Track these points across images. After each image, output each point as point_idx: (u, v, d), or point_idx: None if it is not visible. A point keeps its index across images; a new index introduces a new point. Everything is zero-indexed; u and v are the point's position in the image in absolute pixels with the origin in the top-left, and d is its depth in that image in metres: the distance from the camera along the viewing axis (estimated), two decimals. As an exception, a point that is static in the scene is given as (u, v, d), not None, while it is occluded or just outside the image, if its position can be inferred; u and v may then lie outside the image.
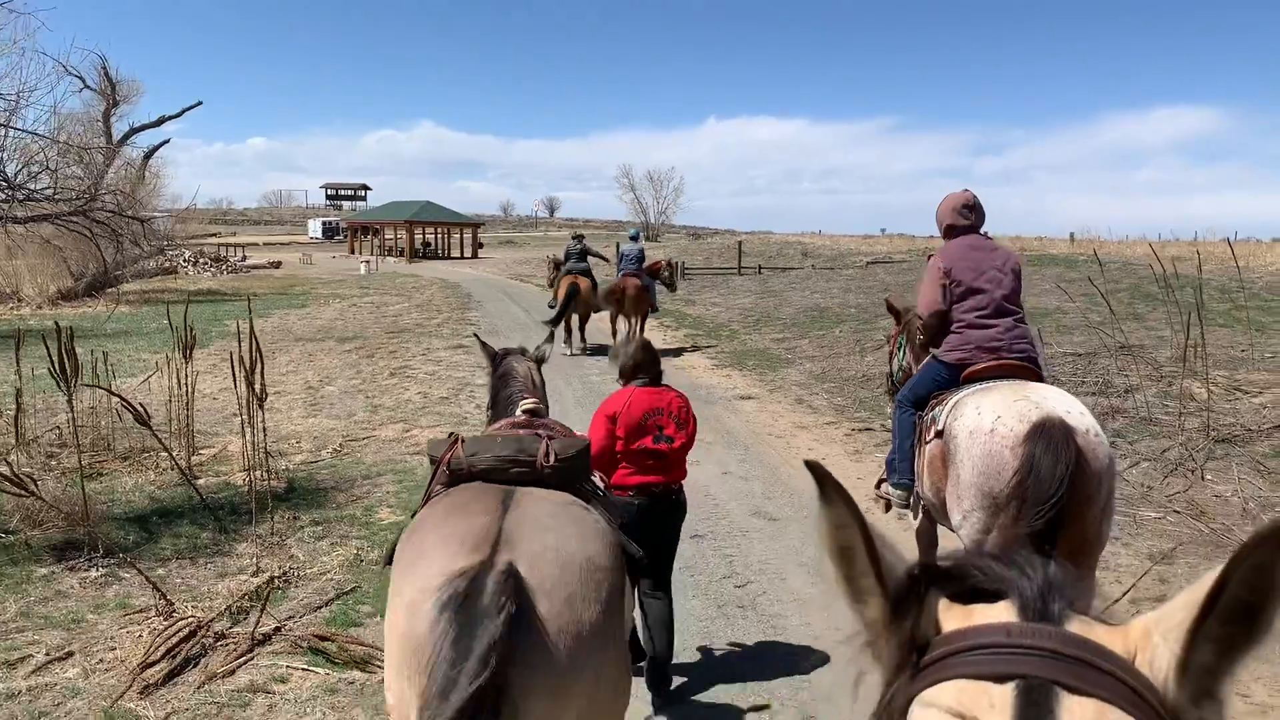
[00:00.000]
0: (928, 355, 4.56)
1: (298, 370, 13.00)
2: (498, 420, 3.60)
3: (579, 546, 2.37)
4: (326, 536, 6.16)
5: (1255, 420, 8.12)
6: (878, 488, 5.02)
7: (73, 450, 6.73)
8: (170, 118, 35.88)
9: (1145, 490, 6.84)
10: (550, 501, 2.57)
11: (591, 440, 3.40)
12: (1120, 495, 6.47)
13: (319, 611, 5.01)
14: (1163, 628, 0.73)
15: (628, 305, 14.09)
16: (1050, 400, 3.73)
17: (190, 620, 4.66)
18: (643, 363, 4.25)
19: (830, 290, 21.52)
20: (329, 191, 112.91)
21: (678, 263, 21.14)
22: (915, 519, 4.71)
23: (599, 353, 14.06)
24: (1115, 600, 4.86)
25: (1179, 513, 6.36)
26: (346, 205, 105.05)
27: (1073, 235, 31.58)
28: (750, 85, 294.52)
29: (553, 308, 14.73)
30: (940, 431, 4.02)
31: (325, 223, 78.58)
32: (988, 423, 3.73)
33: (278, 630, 4.68)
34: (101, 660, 4.42)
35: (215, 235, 58.20)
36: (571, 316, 14.45)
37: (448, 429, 7.22)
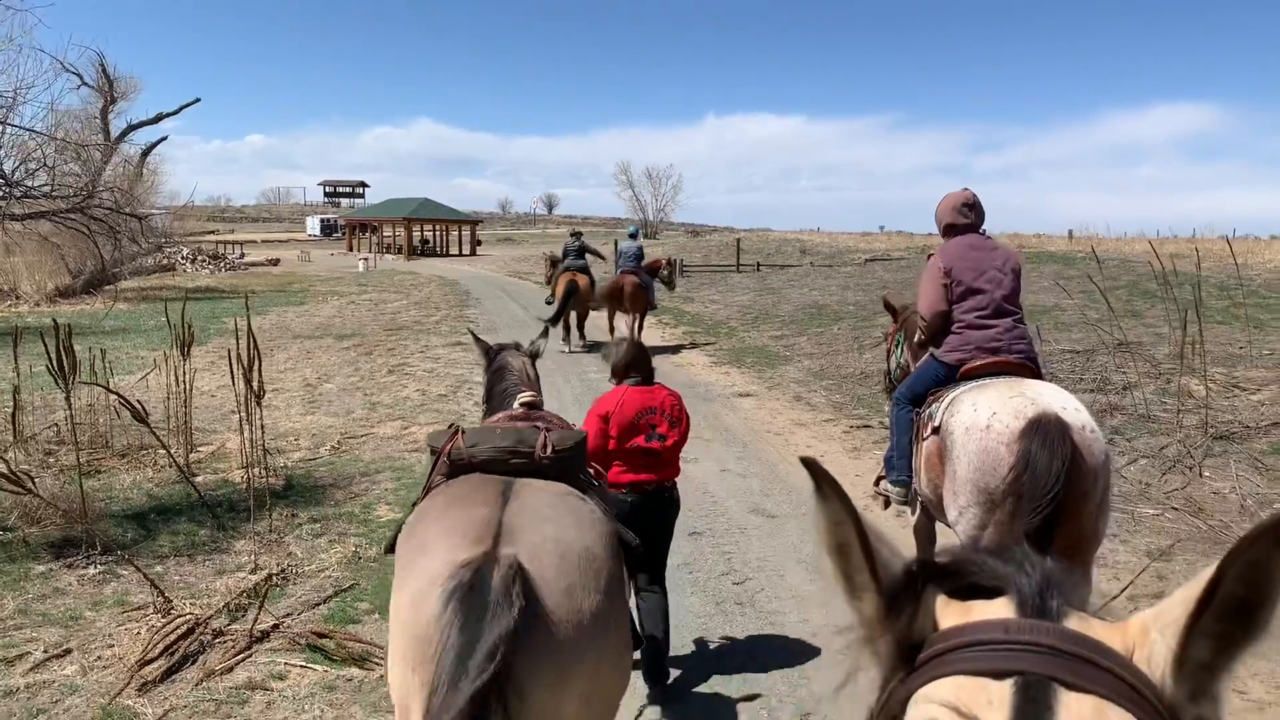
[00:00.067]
0: (925, 353, 4.56)
1: (296, 368, 12.99)
2: (493, 414, 3.61)
3: (577, 536, 2.43)
4: (325, 534, 6.16)
5: (1253, 417, 8.13)
6: (876, 485, 5.03)
7: (71, 447, 6.72)
8: (168, 115, 35.80)
9: (1143, 487, 6.85)
10: (548, 492, 2.62)
11: None
12: (1118, 492, 6.49)
13: (317, 609, 5.02)
14: (1160, 624, 0.72)
15: (626, 303, 14.07)
16: (1046, 396, 3.73)
17: (188, 617, 4.66)
18: (635, 362, 4.27)
19: (828, 287, 21.50)
20: (327, 189, 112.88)
21: (677, 260, 21.10)
22: (913, 515, 4.72)
23: (597, 350, 14.06)
24: (1113, 597, 4.87)
25: (1177, 509, 6.37)
26: (345, 202, 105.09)
27: (1071, 232, 31.53)
28: (749, 82, 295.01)
29: (550, 304, 14.73)
30: (937, 428, 4.02)
31: (323, 220, 78.60)
32: (984, 419, 3.73)
33: (276, 627, 4.69)
34: (99, 657, 4.42)
35: (213, 232, 58.12)
36: (570, 314, 14.44)
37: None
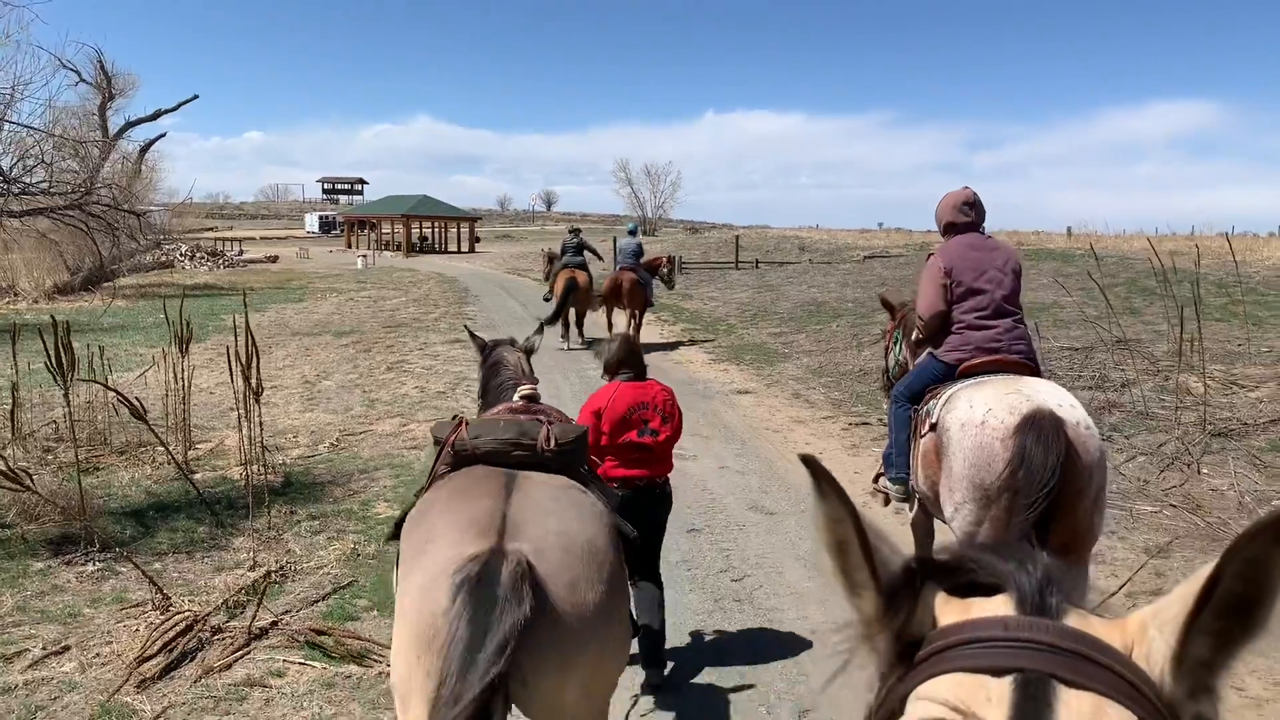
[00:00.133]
0: (924, 350, 4.56)
1: (294, 365, 12.99)
2: (490, 408, 3.61)
3: (580, 530, 2.48)
4: (323, 531, 6.16)
5: (1251, 414, 8.14)
6: (875, 482, 5.03)
7: (69, 445, 6.72)
8: (166, 111, 35.87)
9: (1142, 484, 6.85)
10: (551, 486, 2.67)
11: None
12: (1117, 489, 6.50)
13: (316, 606, 5.02)
14: (1159, 621, 0.72)
15: (624, 300, 14.06)
16: (1042, 393, 3.74)
17: (187, 614, 4.66)
18: (627, 358, 4.29)
19: (827, 285, 21.50)
20: (326, 186, 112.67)
21: (677, 258, 21.08)
22: (911, 512, 4.73)
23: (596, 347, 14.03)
24: (1112, 594, 4.87)
25: (1175, 507, 6.37)
26: (343, 199, 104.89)
27: (1070, 230, 31.50)
28: (748, 79, 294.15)
29: (548, 301, 14.71)
30: (934, 425, 4.03)
31: (322, 217, 78.39)
32: (979, 415, 3.74)
33: (274, 624, 4.69)
34: (98, 654, 4.42)
35: (212, 229, 58.03)
36: (569, 311, 14.43)
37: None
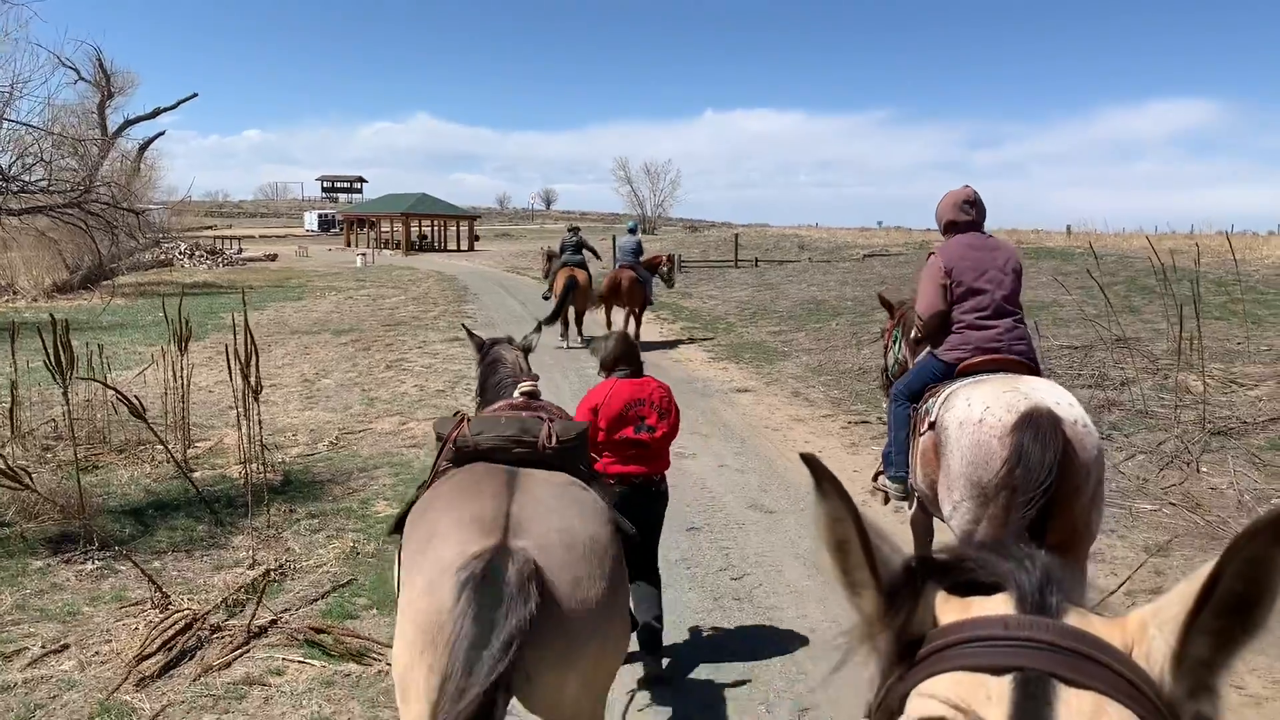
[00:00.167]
0: (923, 349, 4.56)
1: (294, 363, 12.98)
2: (489, 405, 3.61)
3: (582, 527, 2.51)
4: (323, 529, 6.16)
5: (1251, 413, 8.14)
6: (875, 480, 5.03)
7: (68, 443, 6.72)
8: (165, 110, 35.62)
9: (1141, 483, 6.85)
10: (553, 483, 2.69)
11: None
12: (1116, 488, 6.50)
13: (315, 604, 5.02)
14: (1159, 620, 0.72)
15: (623, 298, 14.06)
16: (1039, 391, 3.74)
17: (186, 613, 4.66)
18: (623, 354, 4.29)
19: (827, 283, 21.50)
20: (325, 184, 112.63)
21: (677, 257, 21.06)
22: (910, 510, 4.73)
23: (596, 345, 14.01)
24: (1111, 592, 4.88)
25: (1175, 505, 6.37)
26: (342, 198, 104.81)
27: (1069, 228, 31.45)
28: (748, 78, 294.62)
29: (548, 299, 14.70)
30: (933, 423, 4.04)
31: (321, 215, 78.28)
32: (977, 413, 3.75)
33: (274, 623, 4.69)
34: (97, 653, 4.42)
35: (211, 228, 57.94)
36: (568, 309, 14.42)
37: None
